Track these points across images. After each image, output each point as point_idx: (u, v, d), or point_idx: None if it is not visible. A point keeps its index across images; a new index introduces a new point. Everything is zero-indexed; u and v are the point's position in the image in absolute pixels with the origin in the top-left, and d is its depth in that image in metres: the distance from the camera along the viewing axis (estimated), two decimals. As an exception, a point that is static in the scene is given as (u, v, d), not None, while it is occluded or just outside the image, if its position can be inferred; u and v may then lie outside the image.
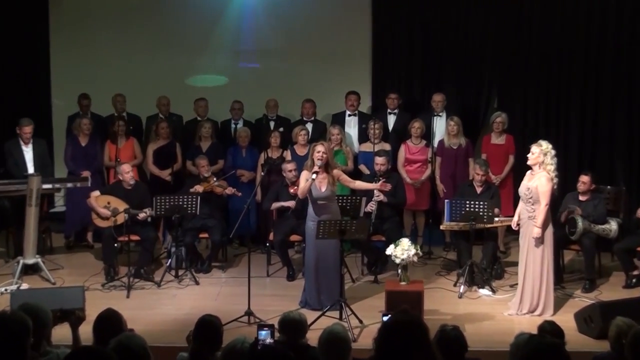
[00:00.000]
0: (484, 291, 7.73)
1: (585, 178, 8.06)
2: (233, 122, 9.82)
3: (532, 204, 6.95)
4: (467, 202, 7.84)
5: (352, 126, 9.67)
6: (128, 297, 7.65)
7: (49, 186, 8.40)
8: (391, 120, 9.66)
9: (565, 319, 6.58)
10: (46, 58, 10.40)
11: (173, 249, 8.35)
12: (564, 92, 9.82)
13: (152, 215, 8.17)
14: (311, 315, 6.34)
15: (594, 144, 9.78)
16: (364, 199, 8.26)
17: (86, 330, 4.45)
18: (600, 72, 9.68)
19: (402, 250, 6.92)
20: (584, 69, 9.73)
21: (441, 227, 8.44)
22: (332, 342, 4.30)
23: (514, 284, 7.57)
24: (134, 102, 9.89)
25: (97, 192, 8.30)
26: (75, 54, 10.39)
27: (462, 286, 7.71)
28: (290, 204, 8.31)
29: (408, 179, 9.08)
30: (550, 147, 6.95)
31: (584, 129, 9.78)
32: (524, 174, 7.24)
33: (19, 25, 10.20)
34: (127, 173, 8.33)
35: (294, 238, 8.43)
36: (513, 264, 8.17)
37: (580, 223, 7.75)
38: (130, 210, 7.91)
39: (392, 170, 8.79)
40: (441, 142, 9.19)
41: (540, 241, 6.93)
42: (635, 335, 4.18)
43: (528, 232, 7.01)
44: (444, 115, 9.41)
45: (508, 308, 7.23)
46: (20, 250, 8.19)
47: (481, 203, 7.81)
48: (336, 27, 10.23)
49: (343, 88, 9.78)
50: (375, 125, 9.07)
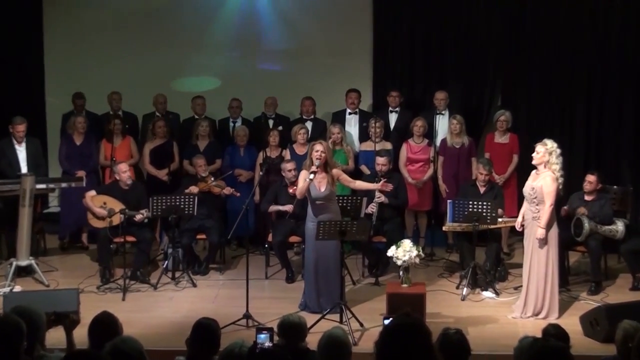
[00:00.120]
0: (488, 294, 7.73)
1: (591, 178, 8.06)
2: (231, 120, 9.82)
3: (537, 204, 6.95)
4: (470, 203, 7.84)
5: (352, 125, 9.67)
6: (124, 299, 7.64)
7: (43, 186, 8.41)
8: (392, 118, 9.66)
9: (571, 322, 6.58)
10: (40, 55, 10.39)
11: (170, 251, 8.36)
12: (570, 89, 9.81)
13: (148, 217, 8.17)
14: (311, 319, 6.34)
15: (600, 142, 9.78)
16: (364, 199, 8.26)
17: (81, 333, 4.44)
18: (606, 69, 9.69)
19: (404, 251, 6.92)
20: (589, 65, 9.73)
21: (443, 228, 8.44)
22: (332, 346, 4.31)
23: (518, 287, 7.56)
24: (130, 100, 9.89)
25: (93, 192, 8.30)
26: (70, 51, 10.39)
27: (465, 288, 7.71)
28: (288, 208, 8.30)
29: (410, 179, 9.08)
30: (555, 145, 6.95)
31: (590, 127, 9.78)
32: (528, 174, 7.24)
33: (12, 22, 10.20)
34: (124, 173, 8.32)
35: (293, 239, 8.44)
36: (517, 266, 8.18)
37: (587, 224, 7.74)
38: (126, 211, 7.91)
39: (394, 170, 8.79)
40: (444, 141, 9.19)
41: (544, 242, 6.94)
42: (642, 338, 4.17)
43: (532, 233, 7.01)
44: (447, 113, 9.41)
45: (512, 311, 7.23)
46: (13, 252, 8.19)
47: (484, 203, 7.81)
48: (336, 23, 10.23)
49: (343, 85, 9.78)
50: (377, 124, 9.07)
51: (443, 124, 9.30)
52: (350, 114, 9.68)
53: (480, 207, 7.78)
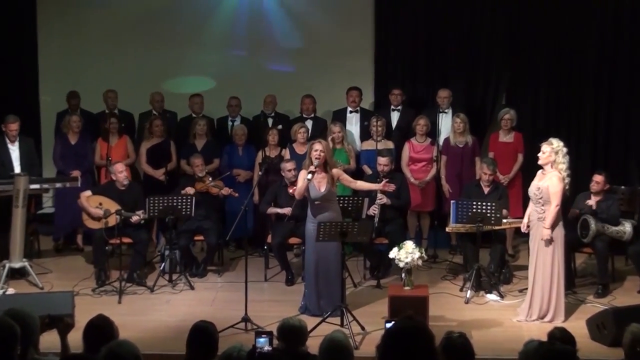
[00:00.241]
0: (492, 296, 7.73)
1: (598, 178, 8.05)
2: (230, 119, 9.82)
3: (542, 205, 6.95)
4: (474, 203, 7.84)
5: (353, 123, 9.67)
6: (120, 302, 7.65)
7: (37, 186, 8.41)
8: (394, 117, 9.66)
9: (577, 326, 6.58)
10: (34, 52, 10.39)
11: (167, 252, 8.36)
12: (576, 86, 9.81)
13: (145, 218, 8.17)
14: (311, 322, 6.34)
15: (607, 141, 9.78)
16: (366, 200, 8.26)
17: (76, 337, 4.44)
18: (614, 66, 9.69)
19: (406, 253, 6.92)
20: (597, 62, 9.73)
21: (447, 229, 8.43)
22: (333, 350, 4.31)
23: (523, 289, 7.57)
24: (126, 99, 9.89)
25: (88, 192, 8.30)
26: (64, 48, 10.40)
27: (469, 291, 7.71)
28: (287, 211, 8.29)
29: (412, 179, 9.08)
30: (561, 144, 6.95)
31: (597, 126, 9.78)
32: (533, 173, 7.25)
33: (5, 18, 10.20)
34: (120, 173, 8.32)
35: (293, 241, 8.44)
36: (522, 268, 8.18)
37: (593, 225, 7.74)
38: (122, 212, 7.91)
39: (396, 170, 8.79)
40: (447, 140, 9.19)
41: (549, 243, 6.94)
42: (651, 342, 4.18)
43: (538, 235, 7.01)
44: (450, 112, 9.40)
45: (517, 314, 7.23)
46: (6, 254, 8.18)
47: (489, 204, 7.80)
48: (337, 19, 10.22)
49: (344, 83, 9.78)
50: (378, 123, 9.07)
51: (446, 123, 9.30)
52: (351, 112, 9.68)
53: (484, 207, 7.78)
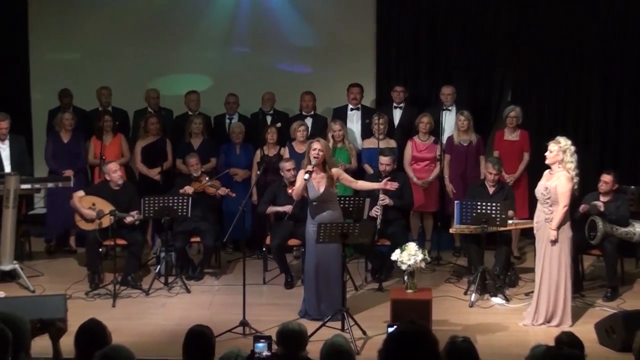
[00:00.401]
0: (497, 300, 7.73)
1: (607, 177, 8.04)
2: (227, 117, 9.82)
3: (550, 205, 6.94)
4: (479, 204, 7.83)
5: (354, 121, 9.67)
6: (114, 306, 7.65)
7: (28, 186, 8.41)
8: (397, 114, 9.66)
9: (585, 330, 6.58)
10: (24, 48, 10.38)
11: (162, 254, 8.36)
12: (584, 83, 9.82)
13: (139, 219, 8.17)
14: (311, 326, 6.32)
15: (616, 139, 9.78)
16: (367, 200, 8.26)
17: (68, 342, 4.44)
18: (623, 63, 9.69)
19: (409, 255, 6.92)
20: (604, 59, 9.73)
21: (450, 231, 8.43)
22: (334, 355, 4.30)
23: (529, 292, 7.57)
24: (120, 96, 9.89)
25: (81, 192, 8.30)
26: (56, 45, 10.41)
27: (474, 294, 7.71)
28: (287, 208, 8.29)
29: (415, 179, 9.08)
30: (569, 143, 6.94)
31: (605, 124, 9.78)
32: (539, 173, 7.24)
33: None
34: (114, 172, 8.32)
35: (292, 242, 8.44)
36: (528, 271, 8.19)
37: (602, 226, 7.74)
38: (116, 212, 7.91)
39: (398, 169, 8.79)
40: (450, 138, 9.19)
41: (556, 245, 6.93)
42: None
43: (544, 236, 7.01)
44: (454, 109, 9.41)
45: (523, 318, 7.23)
46: (-3, 256, 8.20)
47: (494, 204, 7.80)
48: (338, 14, 10.24)
49: (345, 80, 9.79)
50: (380, 120, 9.07)
51: (450, 121, 9.30)
52: (352, 109, 9.68)
53: (489, 208, 7.78)
